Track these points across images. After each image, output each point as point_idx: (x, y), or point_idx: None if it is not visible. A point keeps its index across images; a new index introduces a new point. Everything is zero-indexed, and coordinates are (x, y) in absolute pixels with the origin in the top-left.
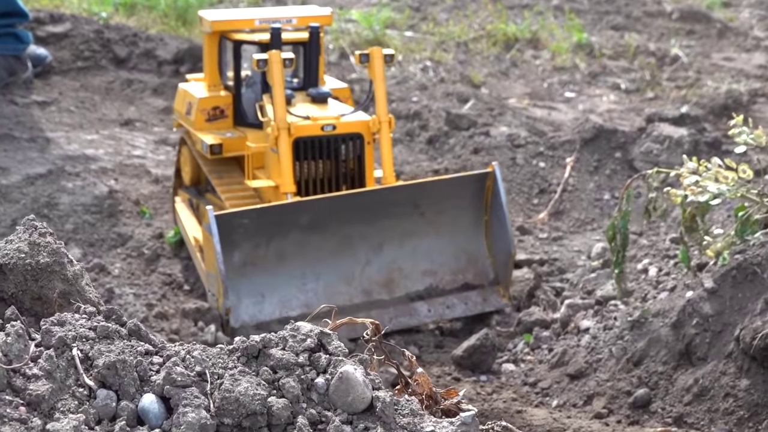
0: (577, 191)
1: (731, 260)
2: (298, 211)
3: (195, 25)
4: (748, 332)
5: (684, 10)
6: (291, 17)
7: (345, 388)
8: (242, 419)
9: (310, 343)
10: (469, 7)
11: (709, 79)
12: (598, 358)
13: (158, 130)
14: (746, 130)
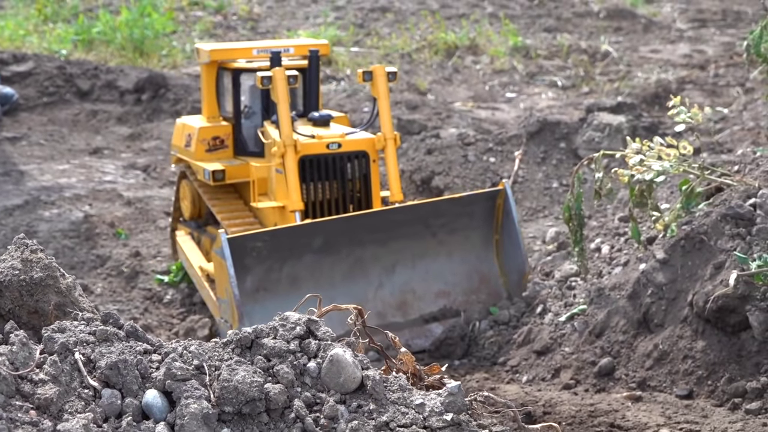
0: (527, 182)
1: (679, 231)
2: (310, 233)
3: (152, 56)
4: (701, 297)
5: (610, 8)
6: (288, 46)
7: (336, 370)
8: (242, 406)
9: (300, 331)
10: (409, 20)
11: (639, 71)
12: (561, 334)
13: (125, 155)
14: (684, 110)
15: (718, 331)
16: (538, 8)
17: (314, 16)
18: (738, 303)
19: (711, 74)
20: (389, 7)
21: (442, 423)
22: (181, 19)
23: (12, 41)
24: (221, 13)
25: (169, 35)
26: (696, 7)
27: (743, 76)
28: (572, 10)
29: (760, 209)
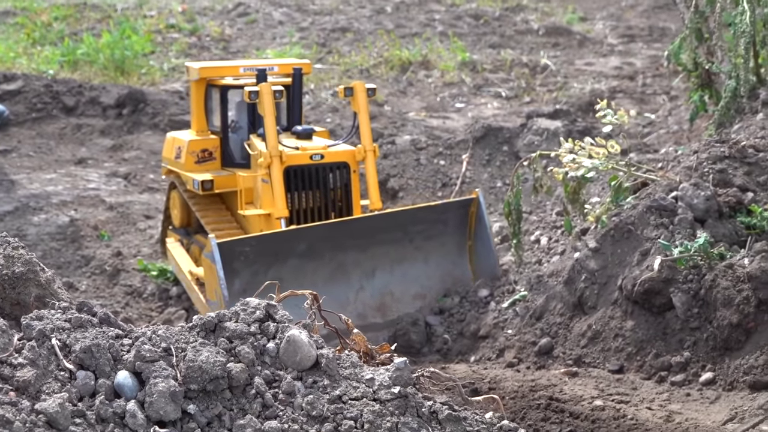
0: (474, 182)
1: (609, 223)
2: (295, 238)
3: (132, 74)
4: (629, 281)
5: (548, 26)
6: (272, 65)
7: (293, 350)
8: (206, 384)
9: (259, 315)
10: (367, 39)
11: (575, 82)
12: (504, 318)
13: (108, 165)
14: (611, 113)
15: (645, 311)
16: (484, 27)
17: (280, 37)
18: (662, 286)
19: (639, 84)
20: (349, 27)
21: (390, 395)
22: (159, 40)
23: (3, 63)
24: (195, 34)
25: (148, 55)
26: (625, 24)
27: (668, 85)
28: (514, 28)
29: (681, 201)
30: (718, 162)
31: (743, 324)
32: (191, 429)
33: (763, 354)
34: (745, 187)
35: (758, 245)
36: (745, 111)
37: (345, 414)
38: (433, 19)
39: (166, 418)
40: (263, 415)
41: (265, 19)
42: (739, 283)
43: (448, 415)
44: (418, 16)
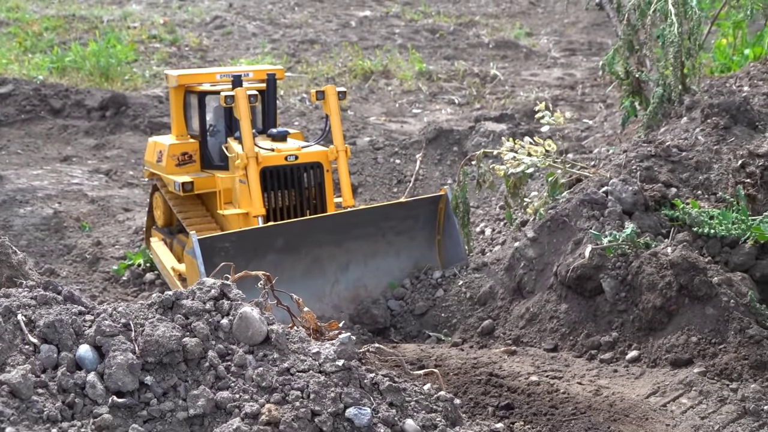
0: (427, 179)
1: (546, 215)
2: (273, 234)
3: (116, 80)
4: (563, 268)
5: (498, 40)
6: (247, 71)
7: (245, 325)
8: (162, 357)
9: (214, 293)
10: (333, 50)
11: (521, 91)
12: (450, 303)
13: (91, 162)
14: (548, 114)
15: (577, 295)
16: (439, 40)
17: (254, 47)
18: (593, 272)
19: (579, 93)
20: (316, 39)
21: (334, 368)
22: (141, 50)
23: None
24: (176, 45)
25: (131, 63)
26: (567, 39)
27: (605, 94)
28: (467, 42)
29: (611, 195)
30: (645, 160)
31: (666, 307)
32: (148, 399)
33: (683, 334)
34: (669, 183)
35: (680, 236)
36: (671, 116)
37: (292, 385)
38: (393, 32)
39: (124, 388)
40: (216, 386)
41: (239, 31)
42: (663, 270)
43: (389, 386)
44: (380, 30)
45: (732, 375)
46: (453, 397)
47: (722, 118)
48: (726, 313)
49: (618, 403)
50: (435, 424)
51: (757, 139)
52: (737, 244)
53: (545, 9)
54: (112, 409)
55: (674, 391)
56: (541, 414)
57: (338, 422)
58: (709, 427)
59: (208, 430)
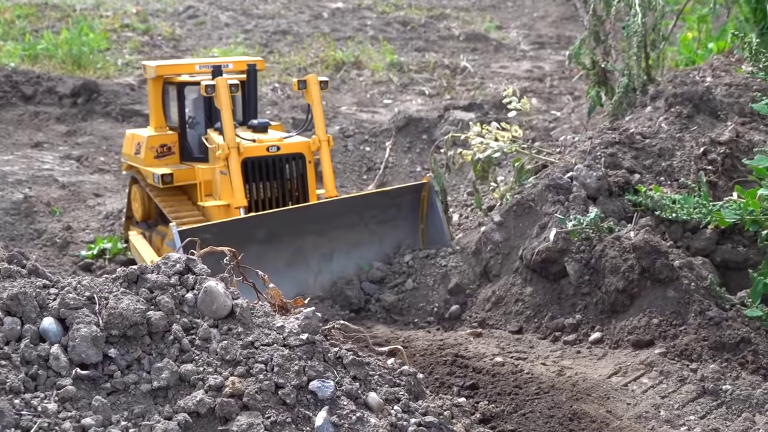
0: (396, 167)
1: (512, 200)
2: (255, 224)
3: (89, 68)
4: (528, 251)
5: (468, 33)
6: (227, 62)
7: (209, 299)
8: (126, 330)
9: (180, 268)
10: (305, 41)
11: (491, 83)
12: (419, 287)
13: (62, 148)
14: (515, 99)
15: (542, 279)
16: (411, 32)
17: (226, 38)
18: (558, 255)
19: (547, 85)
20: (289, 30)
21: (298, 341)
22: (114, 38)
23: None
24: (148, 34)
25: (104, 52)
26: (536, 33)
27: (572, 86)
28: (438, 34)
29: (576, 181)
30: (610, 147)
31: (628, 290)
32: (112, 371)
33: (645, 316)
34: (633, 169)
35: (643, 220)
36: (636, 105)
37: (256, 358)
38: (365, 24)
39: (87, 360)
40: (180, 359)
41: (212, 21)
42: (625, 253)
43: (352, 360)
44: (352, 21)
45: (692, 356)
46: (416, 371)
47: (685, 107)
48: (687, 296)
49: (580, 382)
50: (398, 398)
51: (719, 127)
52: (699, 230)
53: (515, 3)
54: (75, 381)
55: (635, 371)
56: (505, 393)
57: (301, 395)
58: (669, 406)
59: (171, 402)
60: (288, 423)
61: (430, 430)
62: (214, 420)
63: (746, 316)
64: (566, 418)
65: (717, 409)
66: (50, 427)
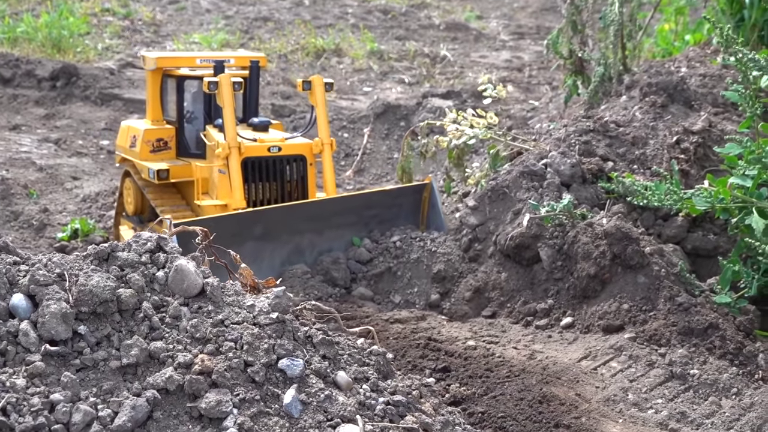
0: (374, 153)
1: (487, 185)
2: (252, 220)
3: (68, 52)
4: (502, 237)
5: (449, 22)
6: (229, 57)
7: (180, 278)
8: (96, 306)
9: (151, 246)
10: (286, 28)
11: (470, 72)
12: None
13: (41, 131)
14: (491, 86)
15: (515, 264)
16: (391, 21)
17: (207, 23)
18: (531, 241)
19: (526, 75)
20: (270, 17)
21: (268, 320)
22: (94, 23)
23: None
24: (129, 18)
25: (84, 36)
26: (516, 23)
27: (551, 76)
28: (418, 23)
29: (550, 167)
30: (584, 135)
31: (600, 275)
32: (81, 348)
33: (615, 302)
34: (607, 157)
35: (615, 207)
36: (611, 94)
37: (226, 336)
38: (346, 12)
39: (57, 337)
40: (150, 336)
41: (193, 7)
42: (597, 240)
43: (322, 339)
44: (333, 9)
45: (661, 341)
46: (385, 351)
47: (659, 97)
48: (657, 282)
49: (551, 366)
50: (367, 377)
51: (692, 117)
52: (670, 217)
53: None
54: (44, 357)
55: (605, 356)
56: (476, 376)
57: (270, 373)
58: (637, 390)
59: (141, 379)
60: (257, 400)
61: (398, 409)
62: (183, 397)
63: (715, 303)
64: (536, 400)
65: (684, 393)
66: (18, 403)
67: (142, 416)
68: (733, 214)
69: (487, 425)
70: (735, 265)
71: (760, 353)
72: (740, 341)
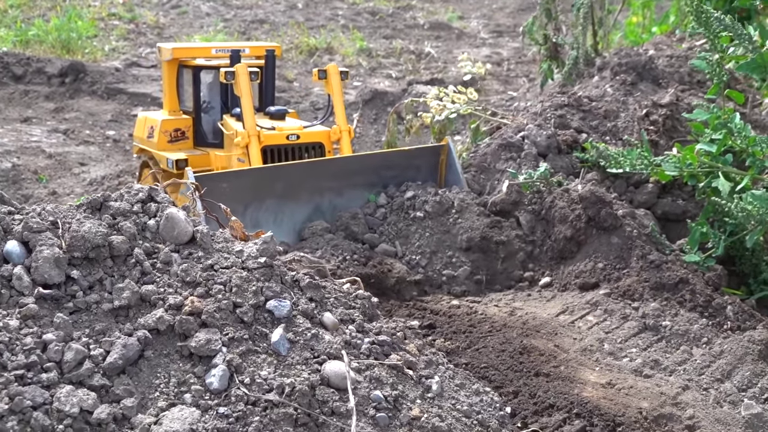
0: (363, 137)
1: (469, 158)
2: (273, 176)
3: (77, 53)
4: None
5: (432, 22)
6: (244, 47)
7: (171, 225)
8: (89, 252)
9: (142, 196)
10: (281, 29)
11: (453, 67)
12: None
13: (50, 123)
14: (470, 63)
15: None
16: (379, 21)
17: (207, 26)
18: (511, 207)
19: (505, 69)
20: (265, 19)
21: (256, 264)
22: (102, 26)
23: None
24: (134, 22)
25: (91, 38)
26: (495, 22)
27: (528, 70)
28: (404, 23)
29: (527, 139)
30: (559, 109)
31: (575, 237)
32: (74, 291)
33: (590, 261)
34: (580, 129)
35: (589, 176)
36: (584, 76)
37: (215, 280)
38: (337, 14)
39: (50, 281)
40: (142, 281)
41: (194, 11)
42: (573, 204)
43: (309, 283)
44: (324, 11)
45: (634, 296)
46: (371, 295)
47: (629, 75)
48: (629, 242)
49: (530, 321)
50: (353, 319)
51: (660, 93)
52: (641, 184)
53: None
54: (38, 300)
55: (581, 310)
56: (460, 332)
57: (259, 313)
58: (613, 341)
59: (132, 320)
60: (245, 339)
61: (383, 348)
62: (174, 337)
63: (684, 261)
64: (516, 351)
65: (657, 343)
66: (11, 342)
67: (133, 354)
68: (700, 179)
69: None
70: (703, 227)
71: (728, 305)
72: (709, 294)
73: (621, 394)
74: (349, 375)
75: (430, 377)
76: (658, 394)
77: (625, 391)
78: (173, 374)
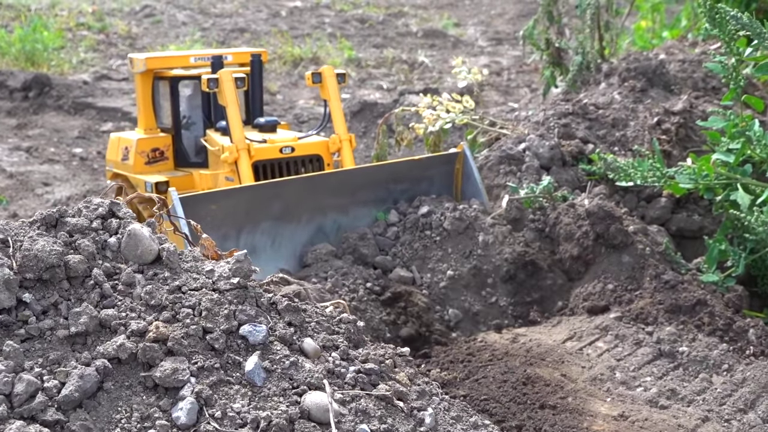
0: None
1: None
2: (269, 194)
3: (43, 65)
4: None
5: (426, 29)
6: (226, 53)
7: (134, 243)
8: (42, 273)
9: (102, 211)
10: (263, 38)
11: (448, 77)
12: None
13: (12, 141)
14: (465, 69)
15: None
16: (369, 29)
17: (183, 35)
18: (512, 225)
19: (505, 79)
20: (246, 28)
21: (229, 285)
22: (69, 37)
23: None
24: (104, 32)
25: (58, 50)
26: (494, 30)
27: (529, 79)
28: (396, 31)
29: (529, 150)
30: (563, 117)
31: (583, 256)
32: (26, 316)
33: (600, 282)
34: (587, 140)
35: (597, 189)
36: (590, 83)
37: (183, 303)
38: (323, 22)
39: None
40: (101, 304)
41: (169, 20)
42: (580, 220)
43: (287, 306)
44: (310, 19)
45: (648, 319)
46: (356, 319)
47: (639, 81)
48: (642, 260)
49: (535, 348)
50: (336, 345)
51: (673, 99)
52: (653, 199)
53: (473, 1)
54: None
55: (590, 336)
56: (457, 361)
57: (231, 340)
58: (625, 369)
59: (91, 348)
60: (216, 368)
61: (370, 377)
62: (137, 366)
63: (702, 281)
64: (520, 382)
65: (674, 371)
66: None
67: (91, 386)
68: (717, 192)
69: (469, 407)
70: (721, 244)
71: (750, 329)
72: (729, 317)
73: (635, 427)
74: (332, 407)
75: (423, 409)
76: (675, 427)
77: (639, 424)
78: (136, 408)
